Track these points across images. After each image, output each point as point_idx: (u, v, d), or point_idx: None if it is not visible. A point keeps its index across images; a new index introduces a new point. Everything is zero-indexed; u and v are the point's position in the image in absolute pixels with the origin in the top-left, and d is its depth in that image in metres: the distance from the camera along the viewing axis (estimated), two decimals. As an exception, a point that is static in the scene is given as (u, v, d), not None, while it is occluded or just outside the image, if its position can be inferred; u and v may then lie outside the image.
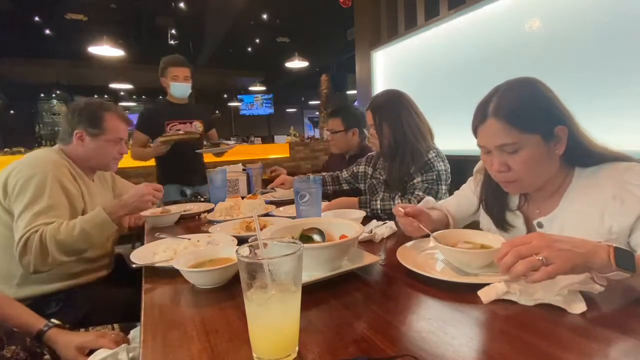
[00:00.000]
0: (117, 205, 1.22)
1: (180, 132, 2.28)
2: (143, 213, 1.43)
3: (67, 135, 1.33)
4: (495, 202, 1.01)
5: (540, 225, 0.91)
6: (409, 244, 0.96)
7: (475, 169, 1.14)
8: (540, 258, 0.61)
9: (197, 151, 2.31)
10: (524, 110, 0.81)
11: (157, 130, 2.33)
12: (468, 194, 1.16)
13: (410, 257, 0.88)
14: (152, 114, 2.49)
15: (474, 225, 1.17)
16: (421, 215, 1.00)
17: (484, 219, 1.07)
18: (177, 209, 1.61)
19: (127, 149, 1.46)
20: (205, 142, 2.63)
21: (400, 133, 1.53)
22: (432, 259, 0.88)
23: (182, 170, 2.35)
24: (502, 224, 0.99)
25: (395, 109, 1.55)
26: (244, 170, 2.09)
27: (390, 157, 1.58)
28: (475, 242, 0.86)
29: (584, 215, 0.83)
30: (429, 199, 1.25)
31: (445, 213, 1.17)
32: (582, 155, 0.85)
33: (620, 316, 0.62)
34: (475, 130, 0.89)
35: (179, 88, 2.34)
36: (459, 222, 1.19)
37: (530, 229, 0.95)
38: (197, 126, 2.45)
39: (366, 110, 1.63)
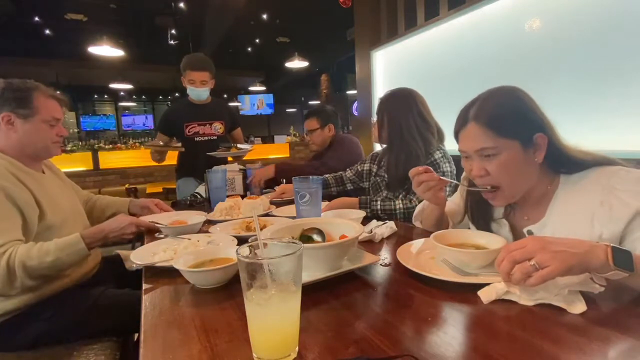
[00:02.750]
0: (96, 233, 1.15)
1: (161, 142, 2.30)
2: (155, 219, 1.36)
3: None
4: (479, 213, 1.01)
5: (530, 233, 0.91)
6: (408, 244, 0.96)
7: (462, 176, 1.14)
8: (533, 263, 0.61)
9: (210, 154, 2.28)
10: (504, 115, 0.83)
11: (177, 131, 2.33)
12: (457, 200, 1.16)
13: (410, 257, 0.88)
14: (172, 115, 2.46)
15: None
16: (442, 183, 1.00)
17: (472, 228, 1.07)
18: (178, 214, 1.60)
19: (66, 131, 1.34)
20: (224, 143, 2.57)
21: (396, 131, 1.54)
22: (432, 259, 0.88)
23: (200, 169, 2.25)
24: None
25: (396, 105, 1.57)
26: (241, 169, 2.10)
27: (389, 150, 1.61)
28: (476, 242, 0.86)
29: (573, 222, 0.83)
30: None
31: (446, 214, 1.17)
32: (564, 162, 0.86)
33: (619, 316, 0.62)
34: (456, 135, 0.91)
35: (195, 92, 2.33)
36: (454, 226, 1.19)
37: (517, 236, 0.95)
38: (217, 128, 2.44)
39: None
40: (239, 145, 2.37)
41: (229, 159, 2.47)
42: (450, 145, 1.62)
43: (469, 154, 0.87)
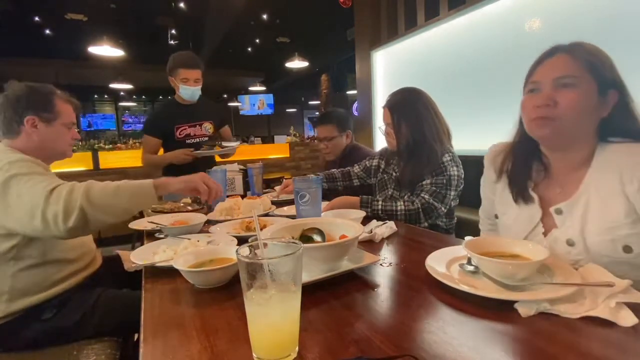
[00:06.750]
0: (168, 178, 1.13)
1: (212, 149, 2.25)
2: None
3: (14, 126, 1.20)
4: (520, 176, 0.97)
5: (559, 211, 0.88)
6: (438, 252, 0.88)
7: (488, 157, 1.09)
8: None
9: (194, 152, 2.23)
10: (595, 54, 0.86)
11: (167, 134, 2.29)
12: (488, 195, 1.12)
13: (441, 268, 0.80)
14: (162, 116, 2.41)
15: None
16: None
17: (502, 197, 1.03)
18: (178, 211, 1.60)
19: (78, 134, 1.40)
20: (208, 142, 2.52)
21: (420, 133, 1.50)
22: (460, 266, 0.81)
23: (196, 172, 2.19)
24: (522, 195, 0.96)
25: (415, 108, 1.52)
26: (241, 169, 2.09)
27: (408, 155, 1.55)
28: (512, 250, 0.77)
29: (607, 199, 0.83)
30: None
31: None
32: (620, 125, 0.86)
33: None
34: (535, 67, 0.91)
35: (189, 91, 2.27)
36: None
37: (545, 213, 0.91)
38: (207, 128, 2.40)
39: (383, 108, 1.62)
40: (223, 143, 2.31)
41: (216, 157, 2.40)
42: (457, 145, 1.61)
43: (542, 84, 0.87)
